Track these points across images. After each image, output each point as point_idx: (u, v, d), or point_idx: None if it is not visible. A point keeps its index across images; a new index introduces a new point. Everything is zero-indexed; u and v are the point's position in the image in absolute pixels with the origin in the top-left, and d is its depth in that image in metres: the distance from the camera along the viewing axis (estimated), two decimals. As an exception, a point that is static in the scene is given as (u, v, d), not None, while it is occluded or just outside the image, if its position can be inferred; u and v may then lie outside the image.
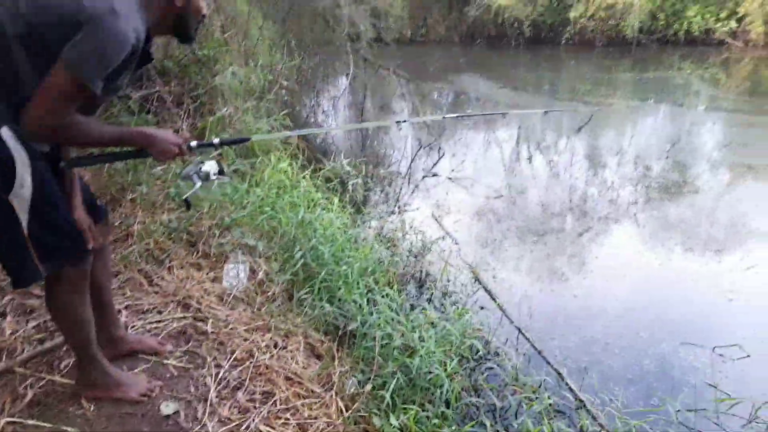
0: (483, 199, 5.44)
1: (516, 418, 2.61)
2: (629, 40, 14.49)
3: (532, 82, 12.04)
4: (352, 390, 2.37)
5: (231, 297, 2.73)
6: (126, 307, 2.44)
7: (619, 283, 4.02)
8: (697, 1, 14.70)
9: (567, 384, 2.86)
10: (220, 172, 1.93)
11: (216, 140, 1.91)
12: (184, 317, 2.50)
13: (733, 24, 14.65)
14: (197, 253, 2.97)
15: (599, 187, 5.92)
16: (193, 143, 1.80)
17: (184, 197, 1.91)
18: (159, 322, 2.41)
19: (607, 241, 4.72)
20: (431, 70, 13.17)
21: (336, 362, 2.49)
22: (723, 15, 14.68)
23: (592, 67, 13.68)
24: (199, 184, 1.85)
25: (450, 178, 5.90)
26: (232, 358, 2.31)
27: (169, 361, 2.17)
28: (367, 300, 3.04)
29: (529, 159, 6.99)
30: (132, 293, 2.55)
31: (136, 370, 2.07)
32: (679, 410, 2.66)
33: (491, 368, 2.97)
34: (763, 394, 2.84)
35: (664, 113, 10.03)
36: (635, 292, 3.92)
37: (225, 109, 4.15)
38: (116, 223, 2.94)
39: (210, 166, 1.88)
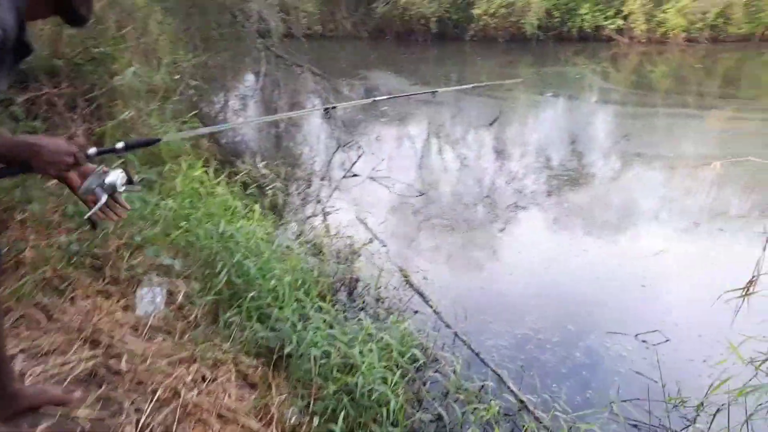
0: (406, 198, 5.39)
1: (461, 428, 2.56)
2: (529, 36, 15.15)
3: (441, 77, 12.24)
4: (293, 420, 2.19)
5: (147, 326, 2.44)
6: (21, 351, 2.09)
7: (543, 277, 4.11)
8: (588, 0, 15.64)
9: (508, 386, 2.85)
10: (129, 182, 1.64)
11: (120, 145, 1.63)
12: (94, 356, 2.18)
13: (619, 22, 15.75)
14: (104, 278, 2.63)
15: (520, 178, 6.07)
16: (91, 150, 1.51)
17: (86, 215, 1.62)
18: (63, 365, 2.08)
19: (530, 234, 4.84)
20: (342, 65, 13.00)
21: (273, 390, 2.30)
22: (610, 13, 15.73)
23: (496, 62, 14.15)
24: (104, 198, 1.56)
25: (371, 178, 5.80)
26: (154, 400, 2.04)
27: (79, 413, 1.87)
28: (300, 315, 2.87)
29: (445, 154, 7.06)
30: (28, 333, 2.19)
31: (38, 430, 1.76)
32: (613, 402, 2.75)
33: (432, 376, 2.91)
34: (684, 376, 3.02)
35: (562, 106, 10.59)
36: (558, 284, 4.02)
37: (126, 112, 3.75)
38: (3, 251, 2.53)
39: (115, 176, 1.58)
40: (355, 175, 5.90)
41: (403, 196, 5.43)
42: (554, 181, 5.96)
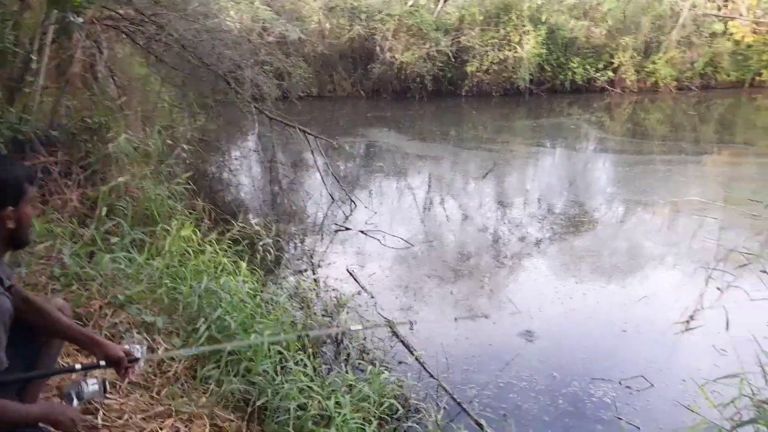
0: (396, 250, 5.47)
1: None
2: (522, 90, 15.59)
3: (438, 132, 12.55)
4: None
5: (125, 382, 2.50)
6: None
7: (530, 325, 4.11)
8: (578, 54, 16.16)
9: (487, 435, 2.84)
10: (104, 391, 1.85)
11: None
12: (71, 412, 2.24)
13: (610, 74, 16.21)
14: (87, 336, 2.71)
15: (510, 228, 6.16)
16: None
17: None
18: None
19: (517, 283, 4.87)
20: (341, 124, 13.41)
21: (246, 443, 2.33)
22: (600, 66, 16.22)
23: (491, 115, 14.52)
24: (76, 403, 1.77)
25: (362, 231, 5.92)
26: (126, 454, 2.09)
27: (48, 468, 1.91)
28: (281, 368, 2.91)
29: (437, 206, 7.18)
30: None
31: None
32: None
33: (412, 427, 2.90)
34: (668, 421, 2.99)
35: (560, 155, 10.78)
36: (544, 331, 4.03)
37: (119, 177, 3.94)
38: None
39: (92, 387, 1.81)
40: (347, 229, 6.02)
41: (394, 248, 5.52)
42: (545, 230, 6.04)
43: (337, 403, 2.68)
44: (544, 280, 4.87)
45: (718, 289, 2.84)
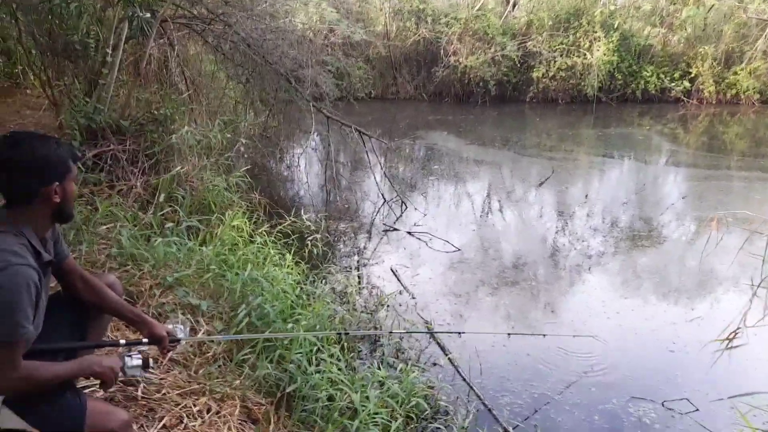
0: (443, 253, 5.47)
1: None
2: (590, 98, 15.10)
3: (498, 138, 12.37)
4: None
5: (167, 359, 2.66)
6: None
7: (571, 338, 4.01)
8: (652, 62, 15.49)
9: (515, 444, 2.80)
10: (144, 367, 1.96)
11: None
12: (115, 382, 2.41)
13: (686, 84, 15.42)
14: (136, 313, 2.90)
15: (559, 238, 6.01)
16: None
17: None
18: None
19: (562, 295, 4.75)
20: (402, 126, 13.48)
21: (271, 426, 2.42)
22: (676, 75, 15.47)
23: (555, 123, 14.15)
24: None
25: (410, 233, 5.95)
26: (160, 425, 2.22)
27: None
28: (315, 359, 2.99)
29: (488, 212, 7.10)
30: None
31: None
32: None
33: (438, 428, 2.91)
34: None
35: (628, 167, 10.35)
36: (586, 345, 3.90)
37: (180, 166, 4.17)
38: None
39: (135, 362, 1.93)
40: (395, 230, 6.07)
41: (440, 251, 5.52)
42: (598, 242, 5.85)
43: (366, 397, 2.73)
44: (590, 293, 4.73)
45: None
